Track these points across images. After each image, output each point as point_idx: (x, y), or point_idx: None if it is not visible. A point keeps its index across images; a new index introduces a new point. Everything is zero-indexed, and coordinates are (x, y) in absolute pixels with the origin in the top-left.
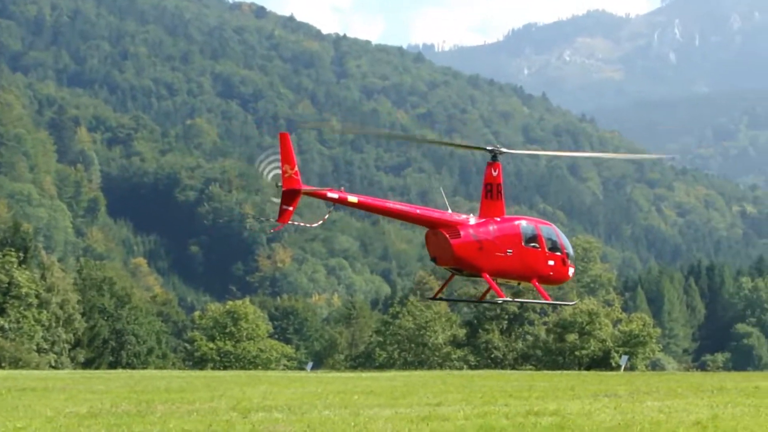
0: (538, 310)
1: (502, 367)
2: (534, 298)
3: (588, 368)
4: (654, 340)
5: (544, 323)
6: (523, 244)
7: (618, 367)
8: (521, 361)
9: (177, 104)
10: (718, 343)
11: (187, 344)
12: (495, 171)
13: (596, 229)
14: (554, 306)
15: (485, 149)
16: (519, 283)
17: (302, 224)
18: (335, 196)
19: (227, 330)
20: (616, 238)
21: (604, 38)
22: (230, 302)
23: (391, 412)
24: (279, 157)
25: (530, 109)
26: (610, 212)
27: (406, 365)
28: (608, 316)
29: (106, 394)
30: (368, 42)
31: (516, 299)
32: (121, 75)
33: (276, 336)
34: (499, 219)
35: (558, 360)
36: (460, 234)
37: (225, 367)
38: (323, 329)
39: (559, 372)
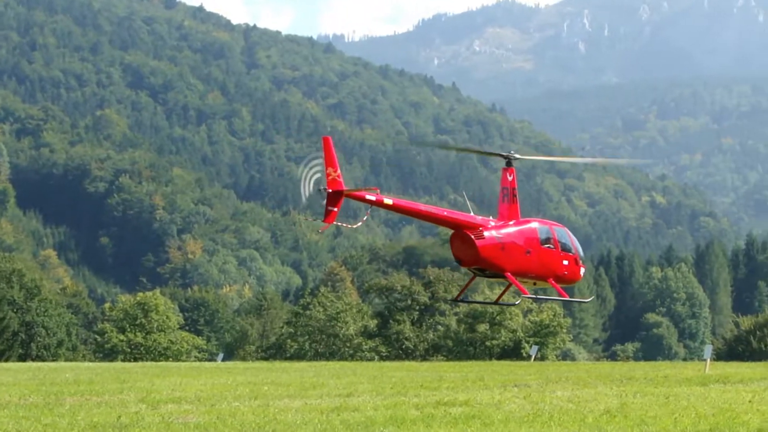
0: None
1: (413, 358)
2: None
3: (499, 358)
4: (564, 330)
5: (455, 314)
6: (539, 245)
7: (528, 357)
8: (432, 351)
9: (86, 95)
10: (628, 332)
11: (97, 336)
12: (510, 176)
13: None
14: (570, 302)
15: (501, 155)
16: (535, 283)
17: (345, 225)
18: (372, 198)
19: (138, 322)
20: None
21: (513, 28)
22: (141, 294)
23: (301, 403)
24: (320, 161)
25: (441, 99)
26: (520, 202)
27: (318, 356)
28: (519, 306)
29: (14, 387)
30: (278, 32)
31: (536, 296)
32: (29, 66)
33: (187, 327)
34: (514, 221)
35: (469, 350)
36: (484, 236)
37: (135, 359)
38: (234, 321)
39: (469, 362)
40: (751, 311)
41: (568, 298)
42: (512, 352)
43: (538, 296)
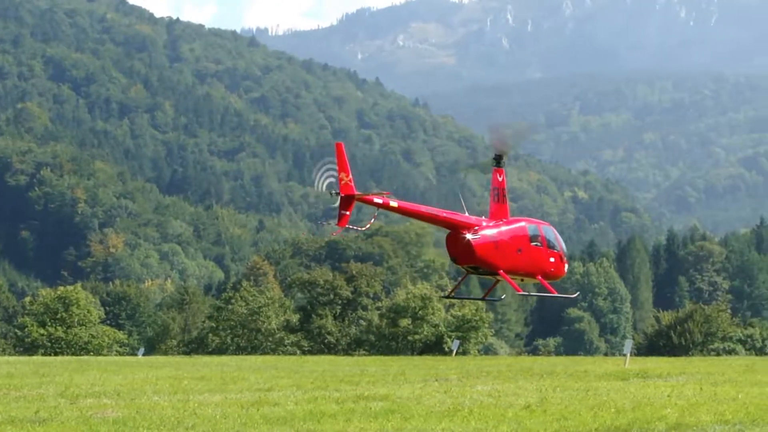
0: (371, 295)
1: (336, 353)
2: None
3: (421, 353)
4: (486, 325)
5: (378, 308)
6: (529, 242)
7: (450, 351)
8: (355, 346)
9: (7, 88)
10: (549, 327)
11: (17, 330)
12: (500, 176)
13: None
14: (558, 298)
15: (491, 159)
16: (522, 279)
17: (354, 228)
18: (380, 201)
19: (58, 316)
20: None
21: (437, 23)
22: (62, 288)
23: (221, 397)
24: (332, 167)
25: (364, 93)
26: (443, 197)
27: (239, 351)
28: (441, 301)
29: None
30: (201, 26)
31: (528, 293)
32: None
33: (108, 322)
34: (505, 221)
35: (391, 345)
36: (479, 235)
37: (56, 353)
38: (156, 315)
39: (391, 357)
40: (671, 306)
41: (556, 294)
42: (434, 347)
43: (530, 293)
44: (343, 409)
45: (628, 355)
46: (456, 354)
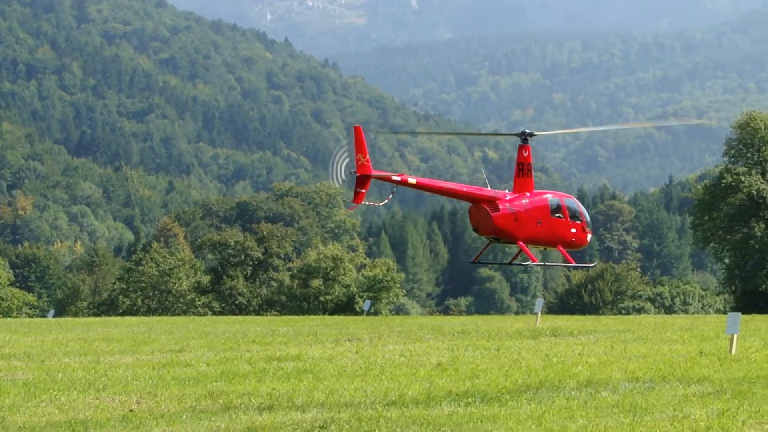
0: (282, 256)
1: (247, 314)
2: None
3: (332, 314)
4: (398, 285)
5: (289, 269)
6: (550, 215)
7: (361, 312)
8: (266, 307)
9: None
10: (461, 287)
11: None
12: (525, 152)
13: None
14: (575, 267)
15: (517, 134)
16: (545, 248)
17: (372, 203)
18: (398, 179)
19: None
20: None
21: None
22: None
23: (133, 358)
24: (344, 153)
25: (273, 54)
26: (353, 158)
27: (150, 312)
28: (352, 261)
29: None
30: None
31: (543, 263)
32: None
33: (17, 284)
34: (529, 194)
35: (303, 306)
36: (498, 207)
37: None
38: (66, 277)
39: (302, 317)
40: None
41: (574, 264)
42: (346, 307)
43: (546, 263)
44: (254, 369)
45: (539, 313)
46: (367, 314)
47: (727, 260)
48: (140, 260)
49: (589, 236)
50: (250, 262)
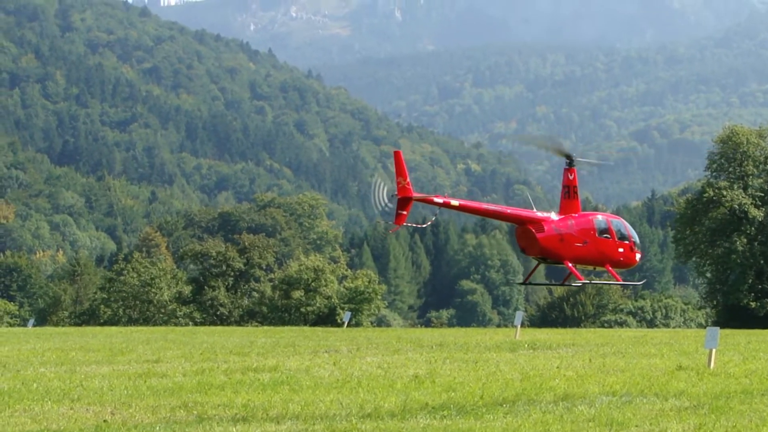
0: (264, 267)
1: (228, 324)
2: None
3: (314, 325)
4: (379, 297)
5: (270, 280)
6: (596, 235)
7: (342, 323)
8: (247, 318)
9: None
10: (443, 299)
11: None
12: (571, 175)
13: (323, 185)
14: (624, 286)
15: (564, 155)
16: (595, 268)
17: (413, 225)
18: (440, 201)
19: None
20: (342, 195)
21: None
22: None
23: (109, 368)
24: (383, 180)
25: (257, 65)
26: (336, 169)
27: (131, 322)
28: (334, 272)
29: None
30: None
31: (591, 281)
32: None
33: None
34: (576, 215)
35: (284, 317)
36: (544, 229)
37: None
38: (47, 286)
39: (282, 328)
40: (563, 278)
41: (621, 282)
42: (327, 319)
43: (592, 281)
44: (231, 380)
45: (519, 326)
46: (348, 326)
47: (708, 274)
48: (122, 270)
49: (638, 256)
50: (232, 273)
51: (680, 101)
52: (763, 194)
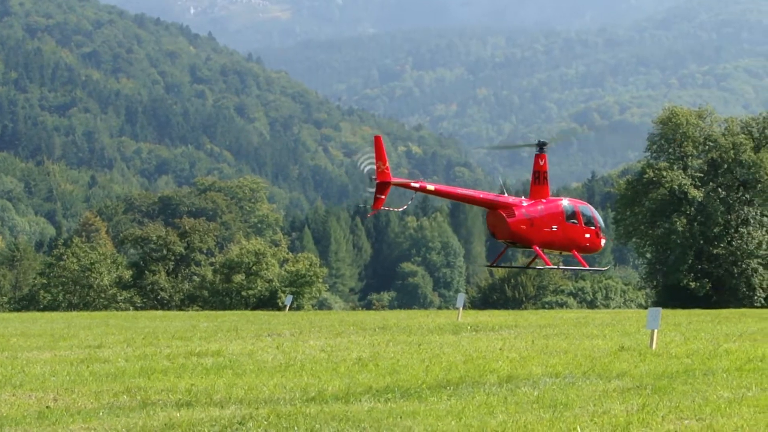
0: (204, 251)
1: (169, 309)
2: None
3: (255, 309)
4: (320, 280)
5: (211, 264)
6: (564, 220)
7: (284, 307)
8: (188, 302)
9: None
10: (384, 282)
11: None
12: (542, 161)
13: (263, 169)
14: (589, 271)
15: (534, 144)
16: (561, 253)
17: (391, 209)
18: (417, 185)
19: None
20: (283, 178)
21: None
22: None
23: (51, 354)
24: (373, 155)
25: (197, 48)
26: (277, 153)
27: (72, 307)
28: (275, 256)
29: None
30: None
31: (558, 266)
32: None
33: None
34: (545, 200)
35: (225, 301)
36: (515, 213)
37: None
38: None
39: (224, 312)
40: (504, 260)
41: (587, 268)
42: (268, 302)
43: (560, 266)
44: (174, 365)
45: (461, 308)
46: (289, 309)
47: (648, 255)
48: (61, 255)
49: (603, 241)
50: (173, 257)
51: (620, 83)
52: (702, 175)
